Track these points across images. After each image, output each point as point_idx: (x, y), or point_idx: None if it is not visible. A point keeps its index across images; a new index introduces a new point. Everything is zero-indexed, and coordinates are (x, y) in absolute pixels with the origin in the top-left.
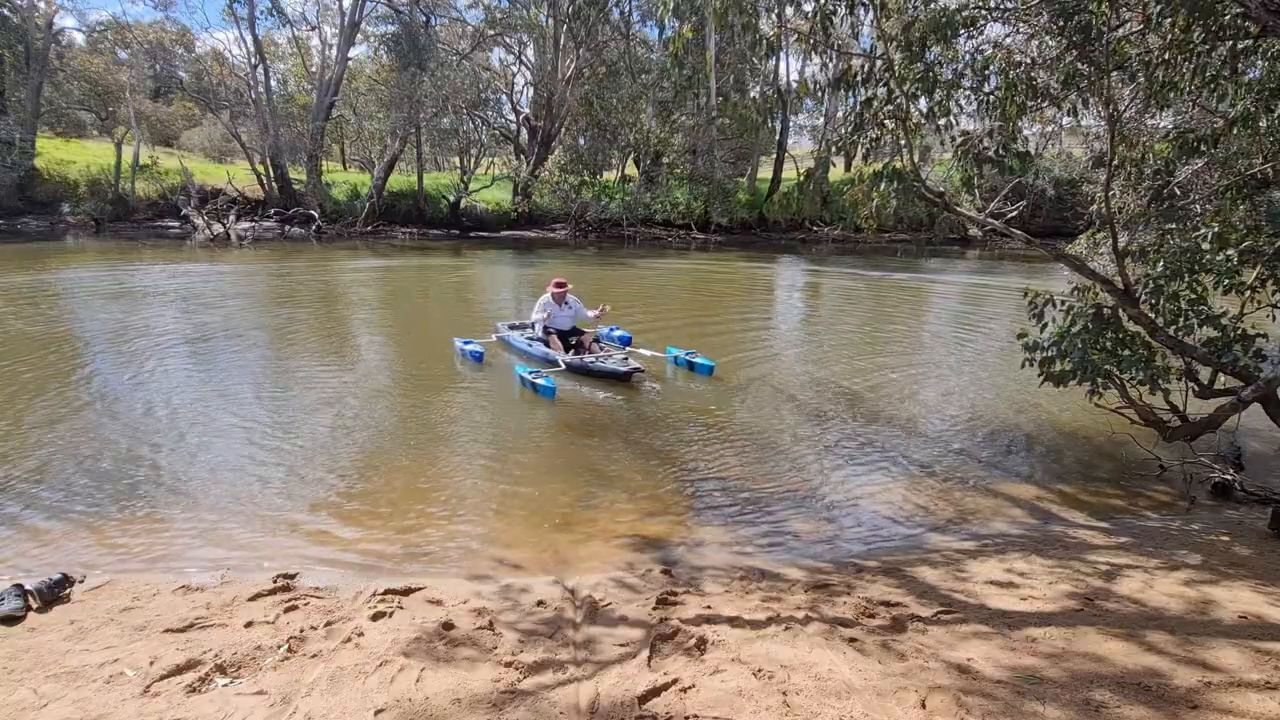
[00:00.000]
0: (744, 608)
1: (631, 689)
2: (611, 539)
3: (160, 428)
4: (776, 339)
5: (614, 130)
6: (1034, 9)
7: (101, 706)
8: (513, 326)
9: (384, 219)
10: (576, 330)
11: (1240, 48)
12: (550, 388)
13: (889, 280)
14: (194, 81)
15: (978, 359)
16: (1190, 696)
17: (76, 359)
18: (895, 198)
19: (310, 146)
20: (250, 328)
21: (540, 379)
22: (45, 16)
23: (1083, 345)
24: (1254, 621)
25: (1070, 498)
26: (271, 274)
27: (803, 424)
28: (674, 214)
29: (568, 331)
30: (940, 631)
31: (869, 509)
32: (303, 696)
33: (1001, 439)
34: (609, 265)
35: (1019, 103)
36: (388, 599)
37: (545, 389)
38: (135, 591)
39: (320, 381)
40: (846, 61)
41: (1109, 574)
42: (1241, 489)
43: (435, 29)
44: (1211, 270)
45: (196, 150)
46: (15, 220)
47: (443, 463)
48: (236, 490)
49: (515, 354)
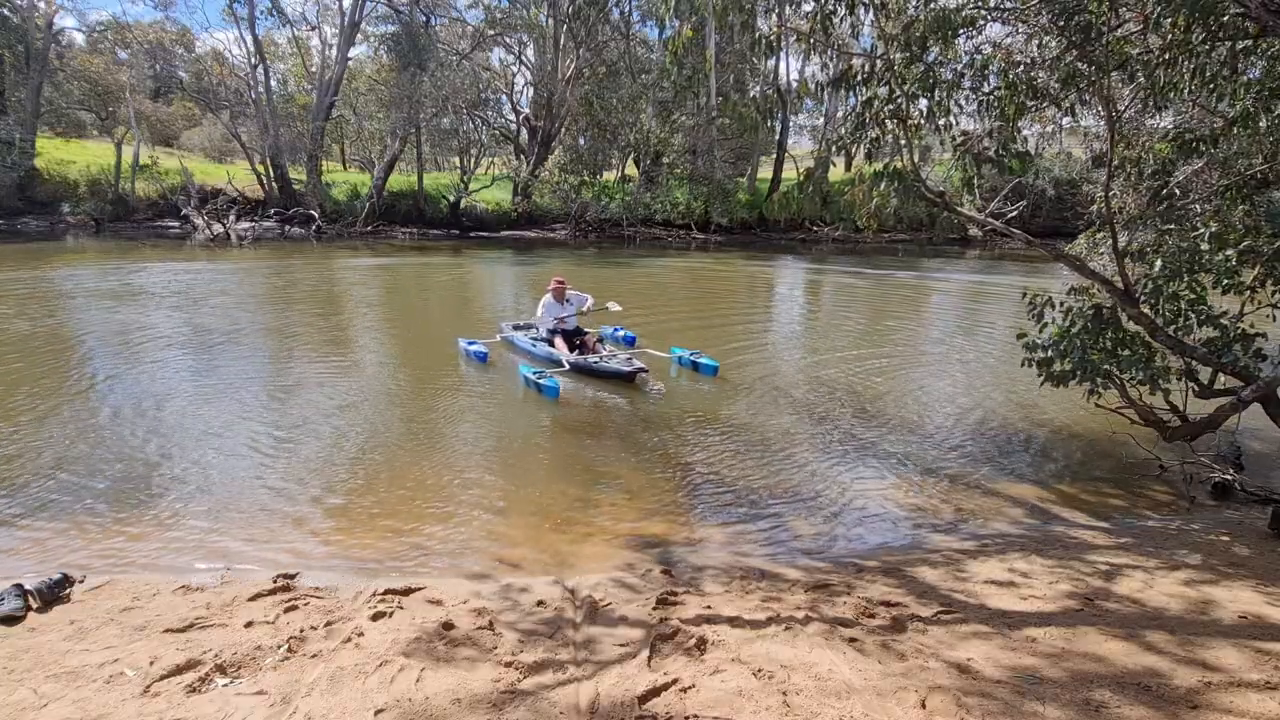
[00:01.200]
0: (744, 608)
1: (631, 689)
2: (611, 539)
3: (160, 428)
4: (777, 339)
5: (614, 130)
6: (1034, 9)
7: (101, 706)
8: (517, 327)
9: (384, 219)
10: (580, 331)
11: (1240, 48)
12: (554, 388)
13: (889, 280)
14: (194, 81)
15: (978, 359)
16: (1190, 696)
17: (75, 359)
18: (895, 197)
19: (310, 146)
20: (250, 328)
21: (544, 379)
22: (45, 16)
23: (1082, 345)
24: (1254, 621)
25: (1070, 498)
26: (272, 274)
27: (803, 424)
28: (674, 214)
29: (572, 332)
30: (940, 631)
31: (869, 509)
32: (303, 696)
33: (1001, 439)
34: (609, 265)
35: (1018, 103)
36: (388, 599)
37: (549, 389)
38: (135, 591)
39: (320, 381)
40: (847, 61)
41: (1109, 574)
42: (1241, 489)
43: (435, 29)
44: (1211, 270)
45: (196, 150)
46: (15, 220)
47: (443, 462)
48: (236, 490)
49: (519, 354)
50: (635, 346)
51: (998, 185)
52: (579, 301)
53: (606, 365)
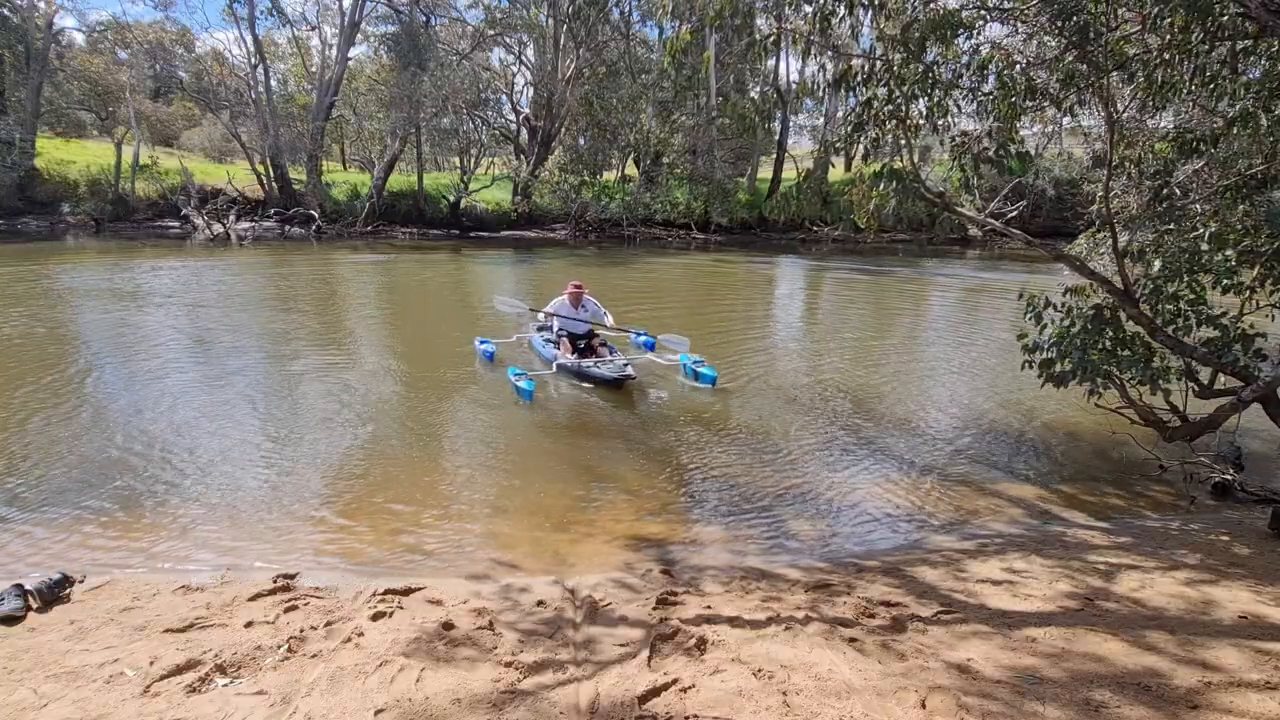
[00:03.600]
0: (744, 608)
1: (631, 689)
2: (611, 539)
3: (160, 428)
4: (776, 339)
5: (614, 130)
6: (1033, 9)
7: (101, 706)
8: (541, 328)
9: (384, 219)
10: (590, 335)
11: (1240, 48)
12: (528, 390)
13: (889, 280)
14: (194, 81)
15: (978, 359)
16: (1190, 696)
17: (75, 359)
18: (895, 198)
19: (310, 146)
20: (250, 328)
21: (521, 381)
22: (45, 16)
23: (1082, 345)
24: (1254, 621)
25: (1070, 498)
26: (272, 274)
27: (803, 424)
28: (674, 214)
29: (580, 335)
30: (940, 631)
31: (869, 509)
32: (303, 696)
33: (1001, 439)
34: (609, 265)
35: (1015, 103)
36: (388, 599)
37: (524, 391)
38: (135, 591)
39: (320, 381)
40: (846, 62)
41: (1109, 574)
42: (1241, 489)
43: (435, 29)
44: (1210, 270)
45: (196, 150)
46: (15, 220)
47: (443, 463)
48: (236, 490)
49: (533, 354)
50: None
51: (997, 185)
52: (596, 312)
53: (595, 370)
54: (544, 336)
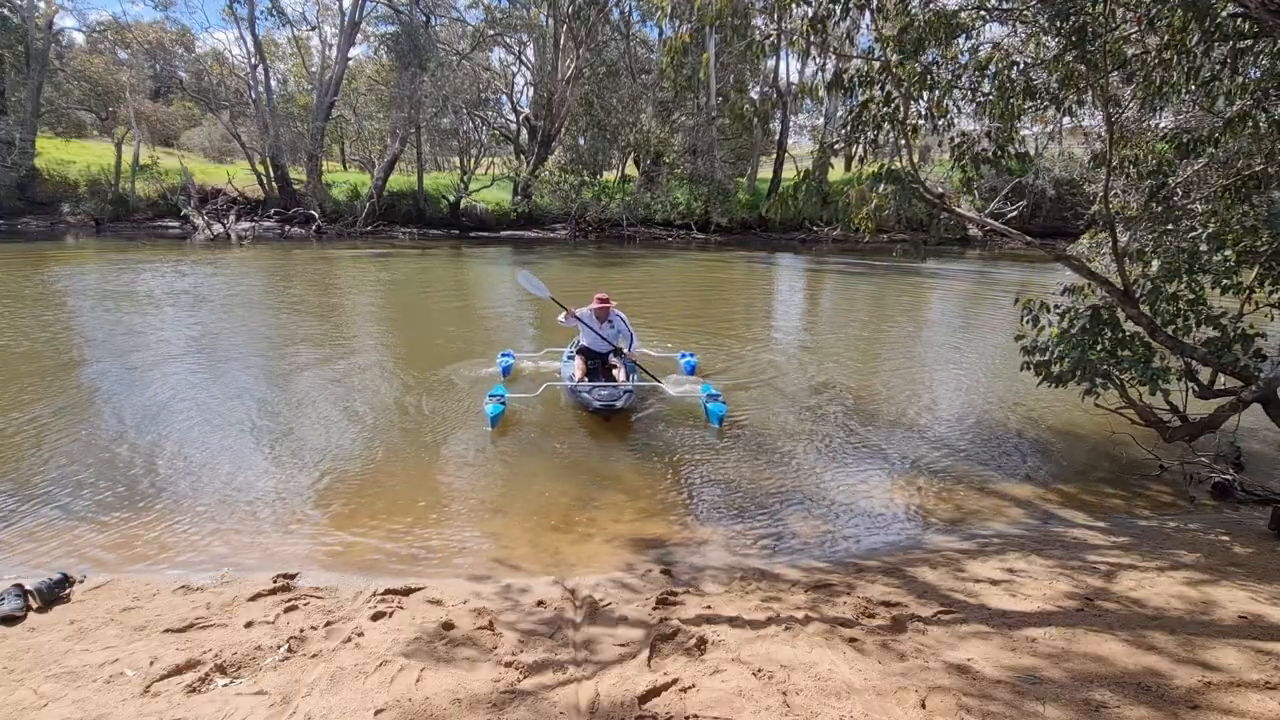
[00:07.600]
0: (744, 608)
1: (631, 689)
2: (611, 539)
3: (161, 427)
4: (776, 339)
5: (614, 130)
6: (1032, 9)
7: (101, 706)
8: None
9: (384, 219)
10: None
11: (1239, 48)
12: (493, 415)
13: (889, 280)
14: (194, 81)
15: (978, 359)
16: (1190, 696)
17: (75, 359)
18: (893, 199)
19: (310, 146)
20: (250, 328)
21: (489, 404)
22: (45, 16)
23: (1082, 346)
24: (1254, 621)
25: (1070, 498)
26: (272, 274)
27: (802, 424)
28: (674, 214)
29: (596, 353)
30: (940, 631)
31: (869, 509)
32: (303, 696)
33: (1001, 439)
34: (609, 265)
35: (1011, 104)
36: (388, 599)
37: (490, 414)
38: (135, 591)
39: (321, 381)
40: (846, 63)
41: (1109, 574)
42: (1241, 489)
43: (435, 29)
44: (1209, 270)
45: (196, 150)
46: (15, 220)
47: (443, 463)
48: (236, 490)
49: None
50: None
51: (997, 185)
52: (623, 331)
53: (584, 395)
54: (567, 351)
